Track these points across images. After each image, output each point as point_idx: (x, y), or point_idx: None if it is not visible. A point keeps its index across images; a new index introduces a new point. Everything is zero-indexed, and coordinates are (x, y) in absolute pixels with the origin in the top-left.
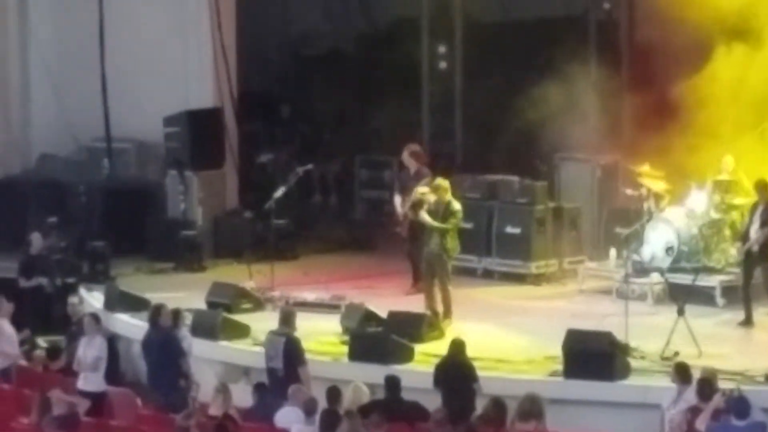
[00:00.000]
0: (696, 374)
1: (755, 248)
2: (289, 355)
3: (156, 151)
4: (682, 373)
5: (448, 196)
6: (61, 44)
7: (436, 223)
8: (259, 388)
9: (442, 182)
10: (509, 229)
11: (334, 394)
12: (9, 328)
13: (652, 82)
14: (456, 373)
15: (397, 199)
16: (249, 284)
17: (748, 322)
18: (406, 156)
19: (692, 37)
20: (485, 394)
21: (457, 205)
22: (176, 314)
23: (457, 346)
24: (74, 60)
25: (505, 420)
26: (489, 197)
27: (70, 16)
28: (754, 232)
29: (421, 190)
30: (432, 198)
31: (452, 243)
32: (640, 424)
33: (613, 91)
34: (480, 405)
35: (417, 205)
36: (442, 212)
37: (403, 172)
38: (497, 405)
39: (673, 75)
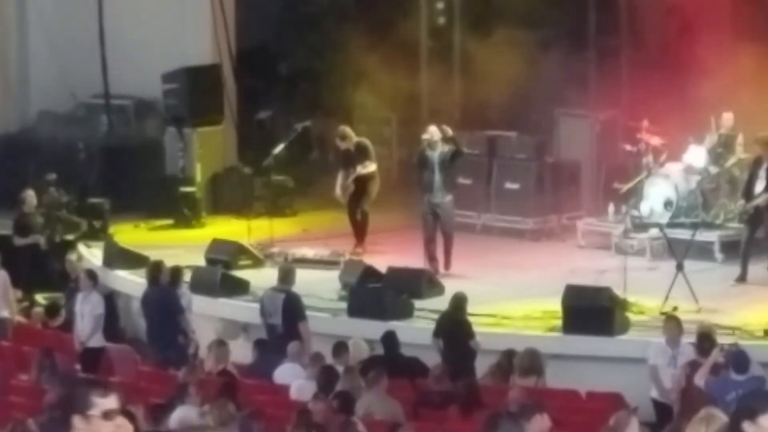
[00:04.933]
0: (694, 329)
1: (762, 205)
2: (289, 312)
3: (155, 107)
4: (674, 325)
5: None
6: (60, 0)
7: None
8: (259, 344)
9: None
10: (508, 185)
11: (339, 349)
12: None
13: (651, 38)
14: (454, 329)
15: (341, 176)
16: (248, 241)
17: (743, 278)
18: (337, 141)
19: None
20: (485, 350)
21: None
22: (176, 271)
23: (458, 302)
24: (72, 16)
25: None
26: (488, 153)
27: None
28: (760, 188)
29: (425, 136)
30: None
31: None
32: (639, 378)
33: (612, 47)
34: (480, 362)
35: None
36: (449, 156)
37: (346, 153)
38: (510, 356)
39: (672, 30)
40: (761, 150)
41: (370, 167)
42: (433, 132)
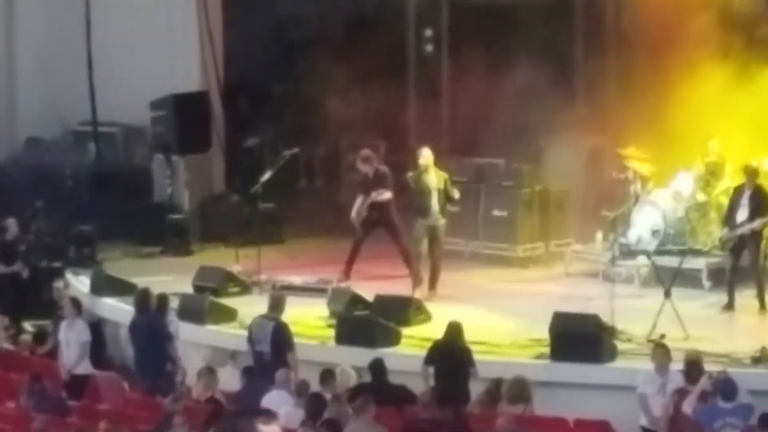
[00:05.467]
0: (682, 357)
1: (746, 233)
2: (278, 341)
3: (142, 134)
4: (663, 353)
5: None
6: (48, 28)
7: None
8: (247, 371)
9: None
10: (496, 212)
11: (327, 377)
12: None
13: (638, 66)
14: (453, 356)
15: (359, 200)
16: (236, 268)
17: (730, 306)
18: (359, 164)
19: (678, 20)
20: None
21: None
22: (162, 299)
23: (455, 329)
24: (60, 44)
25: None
26: (476, 180)
27: (57, 0)
28: (742, 216)
29: (422, 161)
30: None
31: None
32: (627, 406)
33: (600, 74)
34: (473, 390)
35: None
36: (446, 186)
37: (364, 177)
38: (498, 384)
39: (659, 58)
40: (745, 179)
41: (385, 195)
42: (428, 156)
